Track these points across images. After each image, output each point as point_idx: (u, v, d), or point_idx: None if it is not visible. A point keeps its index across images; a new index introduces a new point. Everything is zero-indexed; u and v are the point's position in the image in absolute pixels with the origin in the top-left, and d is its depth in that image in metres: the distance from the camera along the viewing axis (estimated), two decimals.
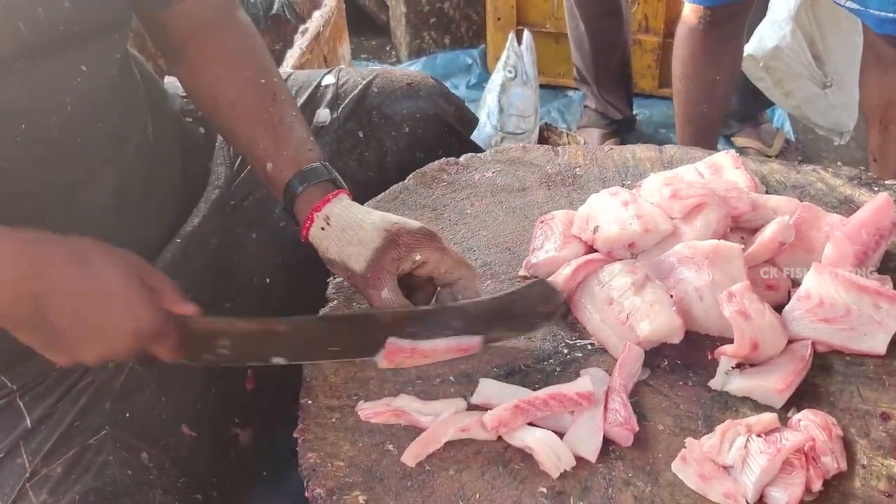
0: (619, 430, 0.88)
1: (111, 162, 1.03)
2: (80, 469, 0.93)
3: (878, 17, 1.59)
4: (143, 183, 1.08)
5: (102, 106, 1.00)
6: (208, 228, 1.16)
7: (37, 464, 0.93)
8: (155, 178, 1.11)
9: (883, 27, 1.61)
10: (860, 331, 0.95)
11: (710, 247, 0.98)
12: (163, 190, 1.13)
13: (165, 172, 1.14)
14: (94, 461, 0.94)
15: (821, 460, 0.83)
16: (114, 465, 0.94)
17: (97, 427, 0.96)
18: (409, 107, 1.33)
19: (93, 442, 0.95)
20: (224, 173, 1.22)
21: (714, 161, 1.19)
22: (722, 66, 2.03)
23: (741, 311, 0.92)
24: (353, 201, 1.03)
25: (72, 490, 0.91)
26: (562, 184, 1.24)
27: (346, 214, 0.99)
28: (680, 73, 2.08)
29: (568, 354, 0.99)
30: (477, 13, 3.03)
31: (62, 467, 0.93)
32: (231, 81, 1.07)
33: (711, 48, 1.98)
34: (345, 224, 0.98)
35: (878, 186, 1.18)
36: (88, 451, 0.94)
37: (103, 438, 0.95)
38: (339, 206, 1.00)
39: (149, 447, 0.98)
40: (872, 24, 1.63)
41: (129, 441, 0.96)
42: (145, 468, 0.96)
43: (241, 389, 1.12)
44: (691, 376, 0.95)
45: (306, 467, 0.88)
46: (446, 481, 0.86)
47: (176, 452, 1.00)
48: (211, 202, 1.18)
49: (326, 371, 0.98)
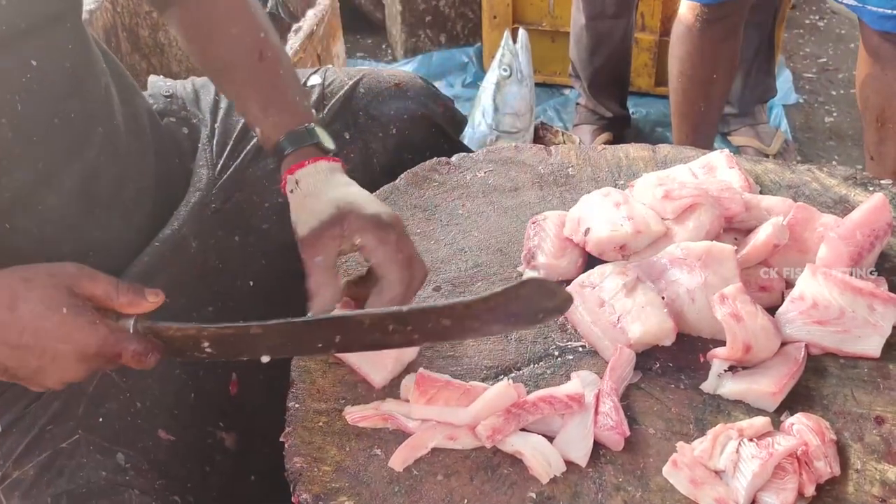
0: (610, 435, 0.87)
1: (74, 158, 1.00)
2: (52, 472, 0.92)
3: (875, 14, 1.58)
4: (112, 182, 1.05)
5: (58, 100, 0.96)
6: (188, 232, 1.13)
7: (7, 467, 0.92)
8: (125, 176, 1.08)
9: (881, 23, 1.60)
10: (854, 333, 0.94)
11: (703, 248, 0.97)
12: (135, 189, 1.10)
13: (137, 170, 1.11)
14: (66, 465, 0.93)
15: (814, 465, 0.82)
16: (87, 468, 0.93)
17: (70, 431, 0.95)
18: (396, 108, 1.31)
19: (65, 446, 0.94)
20: (206, 175, 1.20)
21: (708, 161, 1.18)
22: (718, 64, 2.02)
23: (734, 313, 0.91)
24: (337, 168, 1.01)
25: (44, 493, 0.91)
26: (554, 184, 1.23)
27: (313, 183, 0.98)
28: (676, 71, 2.07)
29: (559, 357, 0.98)
30: (473, 11, 3.02)
31: (34, 470, 0.92)
32: (219, 40, 1.06)
33: (708, 47, 1.98)
34: (309, 192, 0.98)
35: (873, 186, 1.17)
36: (61, 455, 0.93)
37: (76, 442, 0.94)
38: (312, 173, 0.99)
39: (125, 449, 0.97)
40: (870, 20, 1.62)
41: (102, 444, 0.95)
42: (121, 469, 0.95)
43: (224, 394, 1.10)
44: (683, 379, 0.94)
45: (293, 472, 0.87)
46: (434, 486, 0.85)
47: (154, 455, 0.99)
48: (191, 205, 1.16)
49: (314, 374, 0.97)
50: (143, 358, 0.87)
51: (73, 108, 0.99)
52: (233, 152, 1.23)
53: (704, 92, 2.07)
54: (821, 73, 3.04)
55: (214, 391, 1.09)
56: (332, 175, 1.00)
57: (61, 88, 0.97)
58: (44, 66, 0.93)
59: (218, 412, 1.08)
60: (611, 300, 0.96)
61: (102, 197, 1.03)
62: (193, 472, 1.02)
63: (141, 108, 1.17)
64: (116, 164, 1.06)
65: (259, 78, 1.05)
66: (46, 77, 0.94)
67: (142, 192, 1.11)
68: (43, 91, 0.94)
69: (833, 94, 2.92)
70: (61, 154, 0.98)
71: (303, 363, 0.99)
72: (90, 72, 1.04)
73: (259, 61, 1.05)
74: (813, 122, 2.79)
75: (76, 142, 1.00)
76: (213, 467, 1.05)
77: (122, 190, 1.07)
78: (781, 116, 2.73)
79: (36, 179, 0.95)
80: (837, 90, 2.94)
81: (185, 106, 1.28)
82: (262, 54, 1.05)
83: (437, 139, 1.36)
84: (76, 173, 0.99)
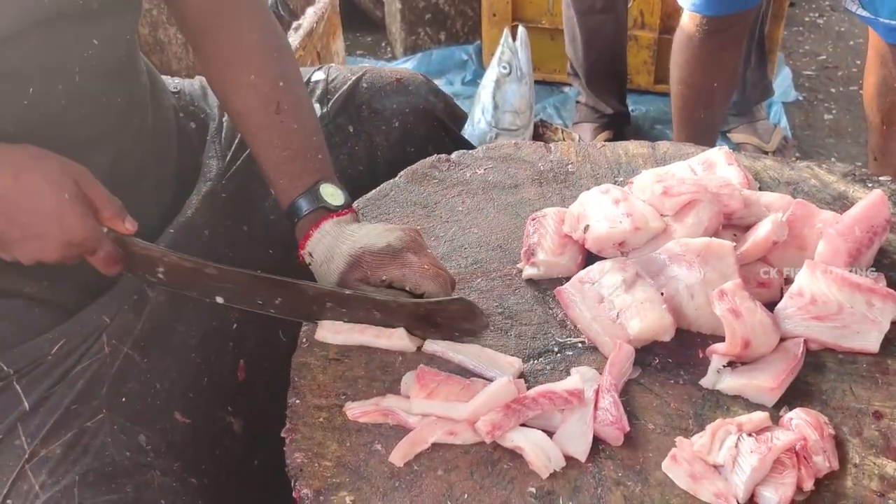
0: (610, 430, 0.87)
1: (110, 139, 1.04)
2: (78, 450, 0.93)
3: (887, 26, 1.58)
4: (138, 166, 1.09)
5: (109, 82, 1.02)
6: (200, 220, 1.16)
7: (35, 446, 0.93)
8: (149, 164, 1.12)
9: (892, 36, 1.61)
10: (853, 328, 0.94)
11: (702, 244, 0.97)
12: (156, 177, 1.14)
13: (159, 161, 1.15)
14: (92, 443, 0.94)
15: (812, 460, 0.83)
16: (112, 447, 0.94)
17: (94, 410, 0.96)
18: (398, 102, 1.34)
19: (90, 425, 0.95)
20: (216, 166, 1.22)
21: (707, 157, 1.18)
22: (720, 73, 2.02)
23: (733, 309, 0.91)
24: (346, 221, 1.04)
25: (71, 471, 0.92)
26: (554, 181, 1.23)
27: (323, 249, 1.03)
28: (677, 78, 2.07)
29: (558, 353, 0.98)
30: (472, 9, 3.03)
31: (61, 449, 0.93)
32: (237, 87, 1.08)
33: (709, 56, 1.97)
34: (322, 258, 1.03)
35: (872, 183, 1.17)
36: (86, 434, 0.95)
37: (100, 421, 0.96)
38: (319, 240, 1.03)
39: (146, 430, 0.98)
40: (882, 32, 1.62)
41: (125, 424, 0.97)
42: (143, 450, 0.97)
43: (233, 379, 1.11)
44: (682, 375, 0.94)
45: (293, 467, 0.88)
46: (434, 481, 0.85)
47: (172, 437, 1.00)
48: (203, 194, 1.18)
49: (314, 370, 0.97)
50: (111, 262, 0.94)
51: (119, 92, 1.04)
52: (241, 144, 1.24)
53: (705, 100, 2.07)
54: (820, 71, 3.04)
55: (224, 376, 1.10)
56: (340, 231, 1.03)
57: (112, 72, 1.02)
58: (103, 47, 0.98)
59: (227, 397, 1.10)
60: (610, 296, 0.97)
61: (127, 177, 1.07)
62: (206, 454, 1.04)
63: (169, 108, 1.21)
64: (142, 154, 1.10)
65: (273, 134, 1.07)
66: (103, 58, 0.99)
67: (160, 183, 1.16)
68: (98, 70, 0.99)
69: (832, 91, 2.92)
70: (101, 134, 1.03)
71: (302, 359, 0.99)
72: (135, 66, 1.10)
73: (275, 114, 1.07)
74: (812, 120, 2.79)
75: (115, 126, 1.05)
76: (223, 450, 1.06)
77: (145, 176, 1.12)
78: (781, 114, 2.73)
79: (72, 151, 0.97)
80: (837, 87, 2.94)
81: (192, 101, 1.30)
82: (279, 107, 1.07)
83: (438, 132, 1.38)
84: (109, 153, 1.04)
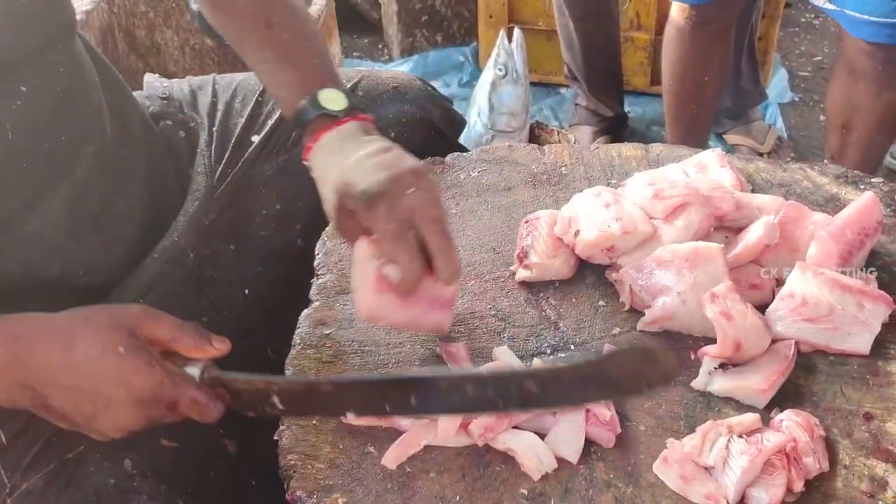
0: (602, 432, 0.87)
1: (62, 181, 0.97)
2: (61, 482, 0.91)
3: (853, 19, 1.60)
4: (101, 198, 1.03)
5: (48, 124, 0.95)
6: (186, 244, 1.12)
7: (16, 479, 0.91)
8: (115, 191, 1.06)
9: (858, 29, 1.62)
10: (844, 330, 0.94)
11: (690, 249, 0.97)
12: (126, 203, 1.08)
13: (127, 183, 1.09)
14: (75, 474, 0.91)
15: (803, 461, 0.83)
16: (96, 476, 0.92)
17: (75, 442, 0.93)
18: (395, 111, 1.30)
19: (71, 456, 0.92)
20: (204, 183, 1.18)
21: (700, 160, 1.19)
22: (710, 67, 2.03)
23: (724, 311, 0.91)
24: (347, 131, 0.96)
25: (56, 502, 0.90)
26: (547, 183, 1.24)
27: (322, 164, 0.95)
28: (668, 73, 2.08)
29: (551, 355, 0.98)
30: (469, 10, 3.03)
31: (43, 481, 0.91)
32: (228, 10, 1.05)
33: (699, 49, 1.99)
34: (319, 176, 0.95)
35: (864, 185, 1.18)
36: (68, 465, 0.92)
37: (82, 452, 0.93)
38: (320, 153, 0.96)
39: (131, 454, 0.95)
40: (848, 25, 1.63)
41: (108, 451, 0.94)
42: (128, 475, 0.94)
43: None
44: None
45: (286, 469, 0.88)
46: (427, 483, 0.85)
47: (158, 461, 0.97)
48: (189, 216, 1.14)
49: (307, 372, 0.98)
50: (203, 408, 0.85)
51: (63, 130, 0.97)
52: (231, 158, 1.22)
53: (696, 94, 2.08)
54: (816, 72, 3.05)
55: None
56: (342, 146, 0.94)
57: (52, 113, 0.95)
58: (34, 92, 0.91)
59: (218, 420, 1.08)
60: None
61: (90, 215, 1.01)
62: (196, 476, 1.01)
63: (133, 117, 1.15)
64: (105, 180, 1.04)
65: (267, 50, 1.03)
66: (37, 102, 0.92)
67: (133, 204, 1.09)
68: (33, 117, 0.92)
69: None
70: (49, 178, 0.96)
71: (297, 362, 0.99)
72: (82, 89, 1.02)
73: (267, 29, 1.03)
74: (808, 120, 2.80)
75: (65, 164, 0.98)
76: (217, 472, 1.04)
77: (112, 206, 1.05)
78: (776, 114, 2.74)
79: (22, 205, 0.93)
80: None
81: (181, 108, 1.26)
82: (269, 22, 1.03)
83: (435, 142, 1.35)
84: (63, 195, 0.97)
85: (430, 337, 1.01)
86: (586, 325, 1.02)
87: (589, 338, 1.00)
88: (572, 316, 1.03)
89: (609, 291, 1.05)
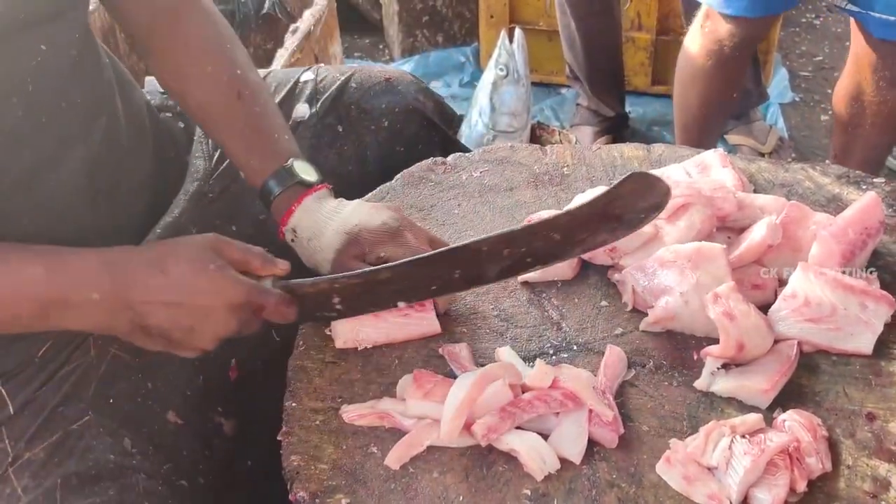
0: (605, 432, 0.87)
1: (78, 144, 1.02)
2: (62, 453, 0.93)
3: (880, 21, 1.57)
4: (113, 171, 1.08)
5: (65, 84, 1.00)
6: (188, 220, 1.16)
7: (19, 449, 0.93)
8: (126, 163, 1.11)
9: (884, 31, 1.60)
10: (846, 330, 0.95)
11: (692, 249, 0.98)
12: (136, 178, 1.14)
13: (136, 159, 1.14)
14: (76, 446, 0.94)
15: (805, 461, 0.83)
16: (96, 450, 0.94)
17: (80, 412, 0.96)
18: (387, 101, 1.34)
19: (76, 427, 0.95)
20: (202, 166, 1.22)
21: (702, 160, 1.19)
22: (726, 91, 2.00)
23: (727, 312, 0.91)
24: (324, 195, 1.05)
25: (54, 473, 0.92)
26: (549, 183, 1.24)
27: (308, 224, 1.03)
28: (679, 91, 2.05)
29: (553, 355, 0.98)
30: (470, 11, 3.03)
31: (45, 451, 0.93)
32: (196, 80, 1.08)
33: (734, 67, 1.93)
34: (310, 234, 1.03)
35: (866, 185, 1.18)
36: (71, 436, 0.95)
37: (86, 424, 0.96)
38: (304, 215, 1.03)
39: (132, 434, 0.98)
40: (874, 27, 1.61)
41: (111, 426, 0.97)
42: (128, 453, 0.96)
43: (224, 379, 1.11)
44: (676, 377, 0.95)
45: (290, 470, 0.88)
46: (430, 484, 0.85)
47: (160, 439, 1.00)
48: (190, 194, 1.18)
49: (311, 373, 0.98)
50: (284, 309, 0.94)
51: (79, 93, 1.02)
52: None
53: (709, 112, 2.05)
54: (817, 72, 3.05)
55: (217, 376, 1.10)
56: (322, 206, 1.04)
57: (68, 74, 1.00)
58: (52, 51, 0.96)
59: (218, 397, 1.10)
60: None
61: (103, 185, 1.06)
62: (195, 455, 1.03)
63: (140, 104, 1.20)
64: (117, 154, 1.09)
65: (237, 119, 1.07)
66: (54, 61, 0.97)
67: (141, 183, 1.15)
68: (51, 74, 0.97)
69: (829, 92, 2.91)
70: (66, 138, 1.01)
71: (299, 362, 0.99)
72: (95, 62, 1.07)
73: (237, 100, 1.07)
74: (809, 120, 2.80)
75: (81, 128, 1.03)
76: (213, 452, 1.06)
77: (122, 180, 1.10)
78: (778, 115, 2.74)
79: (41, 162, 0.97)
80: (833, 88, 2.94)
81: None
82: (240, 93, 1.07)
83: (428, 132, 1.38)
84: (79, 159, 1.02)
85: (433, 337, 1.01)
86: (589, 325, 1.02)
87: (591, 338, 1.00)
88: (575, 316, 1.03)
89: (611, 292, 1.06)
